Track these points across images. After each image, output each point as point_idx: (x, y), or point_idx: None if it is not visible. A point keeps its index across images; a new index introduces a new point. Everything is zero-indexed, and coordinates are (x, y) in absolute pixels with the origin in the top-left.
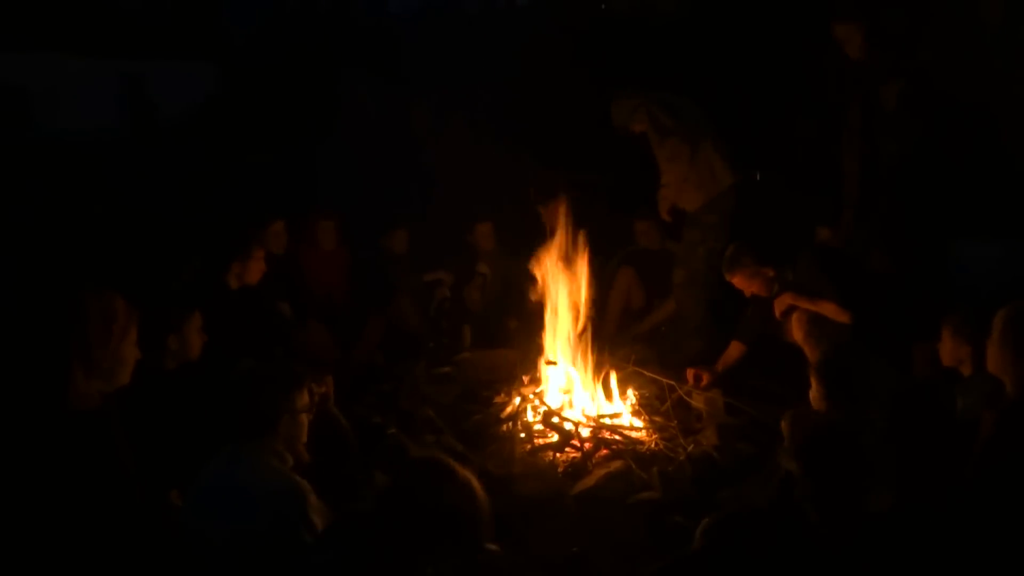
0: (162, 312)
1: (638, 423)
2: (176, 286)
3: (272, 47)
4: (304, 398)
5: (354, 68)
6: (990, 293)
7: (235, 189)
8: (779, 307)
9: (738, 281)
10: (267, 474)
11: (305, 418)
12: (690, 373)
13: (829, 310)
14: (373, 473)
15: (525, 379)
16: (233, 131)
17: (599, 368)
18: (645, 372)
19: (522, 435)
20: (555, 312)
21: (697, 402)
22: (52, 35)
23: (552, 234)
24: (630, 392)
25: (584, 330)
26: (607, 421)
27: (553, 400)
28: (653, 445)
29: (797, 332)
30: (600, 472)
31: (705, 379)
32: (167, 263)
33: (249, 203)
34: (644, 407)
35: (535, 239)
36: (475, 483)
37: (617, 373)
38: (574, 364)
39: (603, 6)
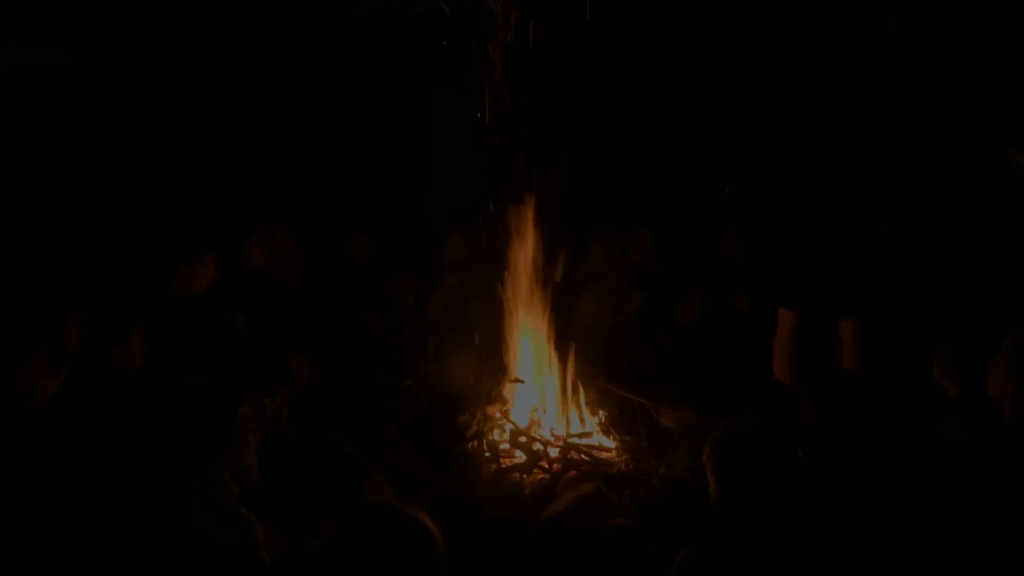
0: (108, 321)
1: (608, 443)
2: (124, 293)
3: (236, 42)
4: (247, 418)
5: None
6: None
7: (193, 190)
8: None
9: None
10: (210, 510)
11: (252, 439)
12: None
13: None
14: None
15: (492, 396)
16: (193, 129)
17: (567, 385)
18: (615, 389)
19: (488, 455)
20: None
21: (667, 421)
22: (2, 24)
23: (518, 238)
24: (599, 410)
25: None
26: (576, 441)
27: (520, 418)
28: (623, 466)
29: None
30: (569, 496)
31: None
32: (117, 268)
33: (208, 205)
34: (614, 425)
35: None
36: (437, 538)
37: (586, 390)
38: (542, 381)
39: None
